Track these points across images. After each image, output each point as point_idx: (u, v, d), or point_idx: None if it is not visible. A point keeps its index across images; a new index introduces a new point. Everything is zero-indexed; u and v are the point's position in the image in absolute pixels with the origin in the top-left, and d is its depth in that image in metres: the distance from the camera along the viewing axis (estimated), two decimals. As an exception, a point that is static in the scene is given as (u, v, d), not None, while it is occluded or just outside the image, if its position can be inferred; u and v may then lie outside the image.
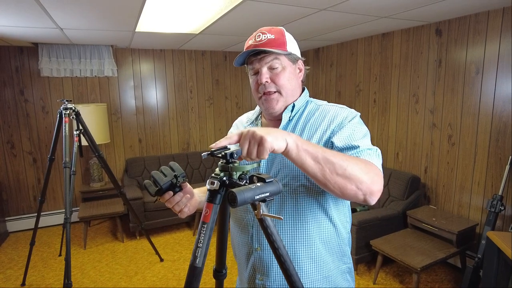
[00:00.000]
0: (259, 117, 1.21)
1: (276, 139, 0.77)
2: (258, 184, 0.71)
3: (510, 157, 2.46)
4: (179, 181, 0.92)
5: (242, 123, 1.26)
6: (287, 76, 1.04)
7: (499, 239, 1.99)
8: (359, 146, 0.94)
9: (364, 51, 3.74)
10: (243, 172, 0.80)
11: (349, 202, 1.10)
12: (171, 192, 0.93)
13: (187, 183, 1.00)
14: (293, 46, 1.06)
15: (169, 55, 4.38)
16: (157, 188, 0.90)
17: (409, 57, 3.23)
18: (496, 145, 2.60)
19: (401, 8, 2.46)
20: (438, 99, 3.01)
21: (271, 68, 1.03)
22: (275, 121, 1.11)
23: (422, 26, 3.07)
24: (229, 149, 0.81)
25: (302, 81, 1.11)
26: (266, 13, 2.49)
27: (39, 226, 2.86)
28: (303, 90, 1.13)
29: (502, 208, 2.42)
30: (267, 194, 0.70)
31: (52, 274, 2.97)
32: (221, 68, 4.70)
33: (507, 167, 2.45)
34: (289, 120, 1.07)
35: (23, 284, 2.77)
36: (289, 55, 1.04)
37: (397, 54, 3.35)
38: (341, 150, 0.94)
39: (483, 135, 2.68)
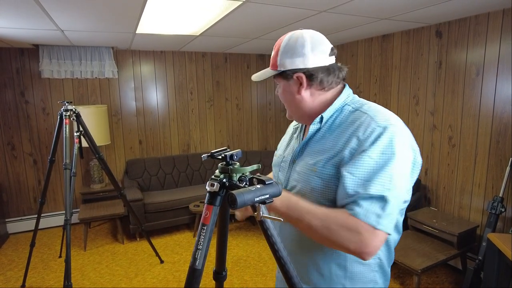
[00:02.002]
0: None
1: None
2: (258, 186, 0.71)
3: (511, 158, 2.46)
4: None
5: (292, 126, 1.21)
6: (284, 97, 1.01)
7: (500, 241, 1.99)
8: (356, 196, 0.83)
9: (364, 52, 3.75)
10: (243, 174, 0.80)
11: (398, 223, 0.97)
12: None
13: None
14: (287, 60, 0.94)
15: (170, 57, 4.39)
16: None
17: (409, 59, 3.23)
18: (497, 147, 2.60)
19: (401, 10, 2.46)
20: (438, 101, 3.01)
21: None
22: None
23: (422, 27, 3.07)
24: (229, 150, 0.81)
25: (324, 88, 0.98)
26: (266, 15, 2.49)
27: (39, 227, 2.86)
28: (341, 92, 1.01)
29: (503, 209, 2.42)
30: (267, 196, 0.70)
31: (52, 276, 2.97)
32: (221, 70, 4.70)
33: (508, 168, 2.45)
34: (317, 131, 0.99)
35: (23, 285, 2.77)
36: (282, 74, 0.96)
37: (398, 55, 3.35)
38: (349, 196, 0.85)
39: (484, 137, 2.68)
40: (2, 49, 3.66)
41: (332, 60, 0.98)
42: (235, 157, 0.80)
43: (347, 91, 1.02)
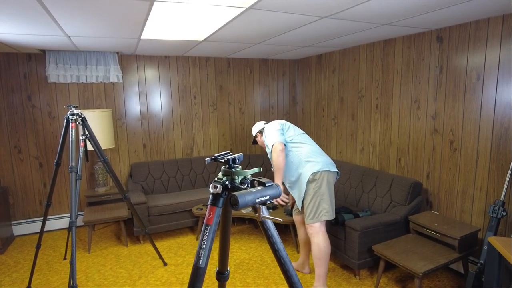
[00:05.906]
0: None
1: None
2: (259, 188, 0.75)
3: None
4: None
5: None
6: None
7: (500, 245, 2.00)
8: None
9: (366, 57, 3.78)
10: (244, 176, 0.83)
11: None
12: None
13: None
14: (253, 130, 3.02)
15: (174, 62, 4.45)
16: None
17: (410, 64, 3.26)
18: (498, 151, 2.62)
19: (402, 16, 2.50)
20: (439, 105, 3.03)
21: None
22: None
23: (423, 33, 3.10)
24: (231, 154, 0.85)
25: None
26: (269, 21, 2.54)
27: (44, 230, 2.89)
28: None
29: (504, 213, 2.43)
30: (267, 197, 0.74)
31: (57, 277, 3.01)
32: (224, 74, 4.75)
33: (509, 172, 2.46)
34: None
35: (29, 287, 2.81)
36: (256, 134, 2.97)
37: (399, 60, 3.38)
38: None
39: (485, 141, 2.70)
40: (10, 54, 3.73)
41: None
42: (237, 160, 0.83)
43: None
